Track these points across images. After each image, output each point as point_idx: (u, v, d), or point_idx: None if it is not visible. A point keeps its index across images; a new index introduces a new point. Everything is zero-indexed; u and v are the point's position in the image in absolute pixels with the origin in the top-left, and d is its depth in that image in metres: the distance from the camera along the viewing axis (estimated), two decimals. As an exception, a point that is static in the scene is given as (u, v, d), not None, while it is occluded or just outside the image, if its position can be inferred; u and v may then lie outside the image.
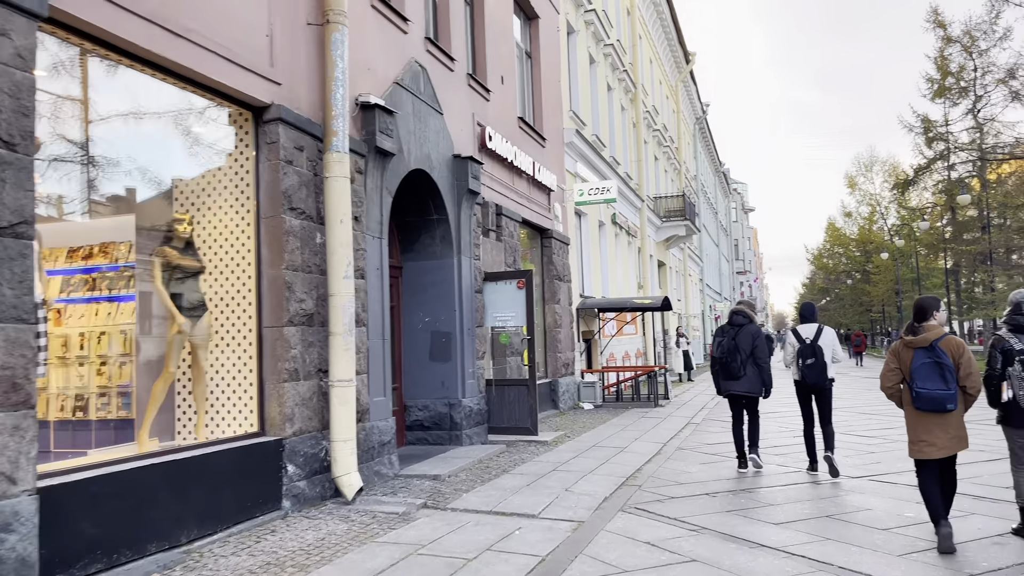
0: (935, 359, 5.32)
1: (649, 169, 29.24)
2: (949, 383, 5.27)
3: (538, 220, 14.07)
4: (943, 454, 5.37)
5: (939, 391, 5.27)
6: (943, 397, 5.27)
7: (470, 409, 10.11)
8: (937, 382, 5.28)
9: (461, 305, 10.13)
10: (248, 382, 6.54)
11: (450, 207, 10.04)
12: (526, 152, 13.35)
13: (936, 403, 5.29)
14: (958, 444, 5.38)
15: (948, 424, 5.35)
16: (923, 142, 35.65)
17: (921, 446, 5.44)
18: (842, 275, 64.49)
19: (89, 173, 5.81)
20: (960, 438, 5.38)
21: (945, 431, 5.35)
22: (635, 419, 13.78)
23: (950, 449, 5.36)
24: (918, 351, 5.43)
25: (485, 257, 11.26)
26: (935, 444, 5.37)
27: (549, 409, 14.39)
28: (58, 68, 5.26)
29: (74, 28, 4.96)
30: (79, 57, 5.38)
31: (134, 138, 6.08)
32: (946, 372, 5.28)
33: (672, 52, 35.48)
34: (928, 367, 5.33)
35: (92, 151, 5.76)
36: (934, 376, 5.30)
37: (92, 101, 5.61)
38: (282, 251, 6.55)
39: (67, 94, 5.43)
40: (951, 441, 5.35)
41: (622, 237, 22.87)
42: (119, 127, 5.91)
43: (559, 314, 14.88)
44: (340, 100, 6.99)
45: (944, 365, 5.29)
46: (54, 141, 5.44)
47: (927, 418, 5.40)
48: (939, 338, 5.40)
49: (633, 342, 23.22)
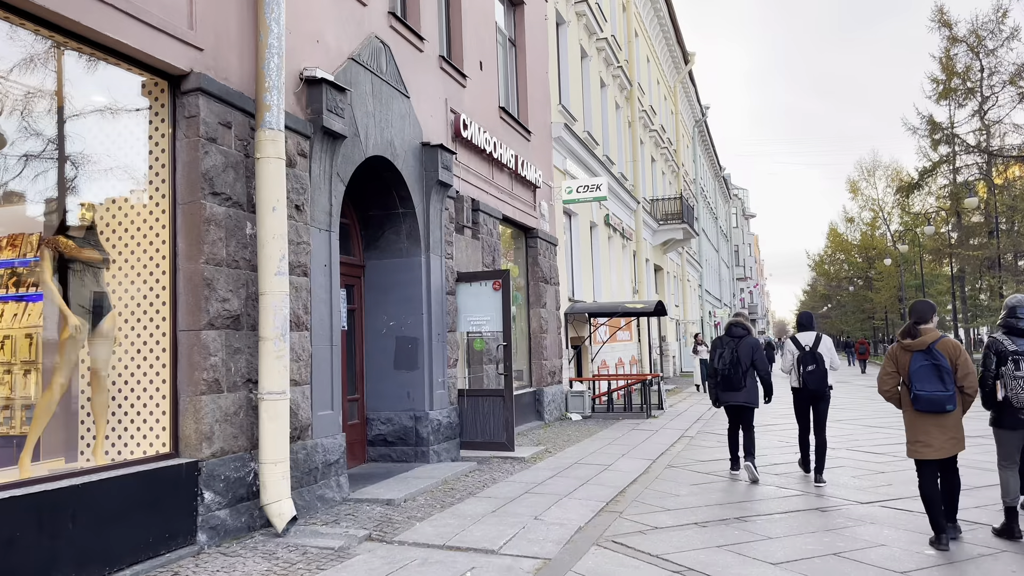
0: (933, 361, 5.45)
1: (646, 171, 28.35)
2: (947, 384, 5.40)
3: (522, 218, 13.16)
4: (939, 455, 5.50)
5: (938, 392, 5.40)
6: (942, 398, 5.40)
7: (438, 423, 9.17)
8: (936, 384, 5.41)
9: (430, 308, 9.20)
10: (161, 395, 5.61)
11: (417, 200, 9.12)
12: (508, 145, 12.45)
13: (935, 404, 5.42)
14: (955, 445, 5.50)
15: (945, 425, 5.48)
16: (928, 144, 34.70)
17: (918, 447, 5.58)
18: (844, 281, 63.53)
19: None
20: (957, 439, 5.50)
21: (942, 432, 5.48)
22: (625, 432, 12.85)
23: (946, 451, 5.48)
24: (916, 354, 5.54)
25: (460, 256, 10.34)
26: (931, 445, 5.50)
27: (533, 421, 13.46)
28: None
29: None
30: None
31: (37, 112, 5.16)
32: (944, 374, 5.40)
33: (671, 52, 34.63)
34: (926, 369, 5.45)
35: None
36: (932, 378, 5.42)
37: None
38: (201, 242, 5.63)
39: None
40: (948, 442, 5.47)
41: (616, 240, 21.96)
42: (17, 97, 4.99)
43: (545, 319, 13.96)
44: (274, 70, 6.09)
45: (942, 367, 5.41)
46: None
47: (925, 419, 5.53)
48: (936, 340, 5.52)
49: (627, 348, 22.28)
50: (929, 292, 41.87)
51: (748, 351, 8.46)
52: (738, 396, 8.50)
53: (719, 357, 8.56)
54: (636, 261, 24.62)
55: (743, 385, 8.44)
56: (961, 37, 32.42)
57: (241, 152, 6.11)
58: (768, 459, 9.84)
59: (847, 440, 11.54)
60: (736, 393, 8.48)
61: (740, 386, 8.44)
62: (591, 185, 14.69)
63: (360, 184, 8.81)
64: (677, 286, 35.40)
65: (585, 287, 17.96)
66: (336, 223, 7.35)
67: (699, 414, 15.89)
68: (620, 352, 21.15)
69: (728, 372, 8.46)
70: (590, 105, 19.67)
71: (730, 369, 8.45)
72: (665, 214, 29.41)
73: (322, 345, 6.98)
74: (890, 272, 50.17)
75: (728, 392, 8.53)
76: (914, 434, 5.61)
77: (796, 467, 9.18)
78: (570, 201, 14.85)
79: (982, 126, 32.70)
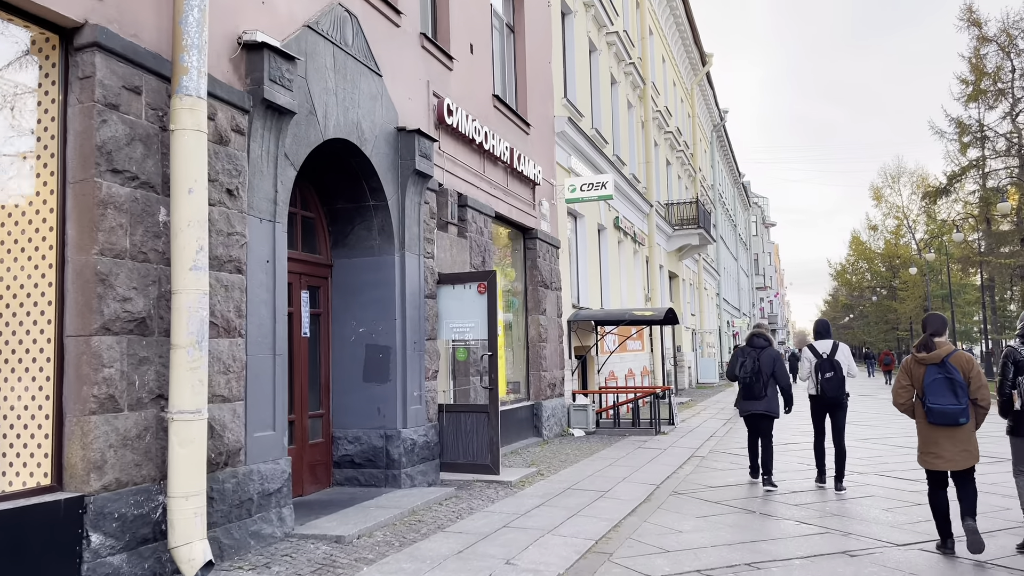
0: (946, 375, 5.49)
1: (660, 173, 27.25)
2: (960, 398, 5.44)
3: (519, 217, 12.14)
4: (949, 467, 5.55)
5: (951, 406, 5.44)
6: (955, 412, 5.44)
7: (412, 443, 8.13)
8: (949, 397, 5.46)
9: (404, 312, 8.19)
10: (44, 414, 4.62)
11: (391, 191, 8.12)
12: (503, 137, 11.43)
13: (948, 417, 5.46)
14: (967, 458, 5.51)
15: (957, 438, 5.52)
16: (957, 148, 33.29)
17: (929, 457, 5.65)
18: (866, 291, 61.91)
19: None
20: (969, 452, 5.52)
21: (953, 444, 5.52)
22: (630, 450, 11.75)
23: (957, 463, 5.51)
24: (930, 367, 5.57)
25: (443, 255, 9.33)
26: (942, 456, 5.56)
27: (530, 437, 12.39)
28: None
29: None
30: None
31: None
32: (957, 387, 5.45)
33: (687, 53, 33.54)
34: (940, 383, 5.49)
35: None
36: (946, 391, 5.47)
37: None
38: (95, 228, 4.64)
39: None
40: (959, 454, 5.51)
41: (627, 244, 20.87)
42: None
43: (545, 327, 12.91)
44: (194, 26, 5.10)
45: (955, 381, 5.46)
46: None
47: (938, 431, 5.58)
48: (949, 354, 5.57)
49: (638, 359, 21.15)
50: (957, 302, 40.36)
51: (769, 361, 8.66)
52: (758, 405, 8.69)
53: (740, 366, 8.78)
54: (649, 267, 23.50)
55: (764, 395, 8.65)
56: (991, 36, 31.11)
57: (155, 124, 5.12)
58: (788, 484, 8.75)
59: (875, 463, 10.38)
60: (757, 402, 8.70)
61: (761, 395, 8.66)
62: (596, 183, 13.64)
63: (324, 173, 7.83)
64: (693, 294, 34.19)
65: (592, 293, 16.88)
66: (284, 213, 6.35)
67: (712, 430, 14.75)
68: (630, 363, 20.03)
69: (749, 381, 8.68)
70: (599, 102, 18.63)
71: (751, 378, 8.67)
72: (680, 219, 28.26)
73: (261, 354, 5.97)
74: (915, 281, 48.64)
75: (748, 401, 8.77)
76: (926, 445, 5.68)
77: (817, 494, 8.11)
78: (573, 200, 13.80)
79: (1014, 128, 31.29)
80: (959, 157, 34.66)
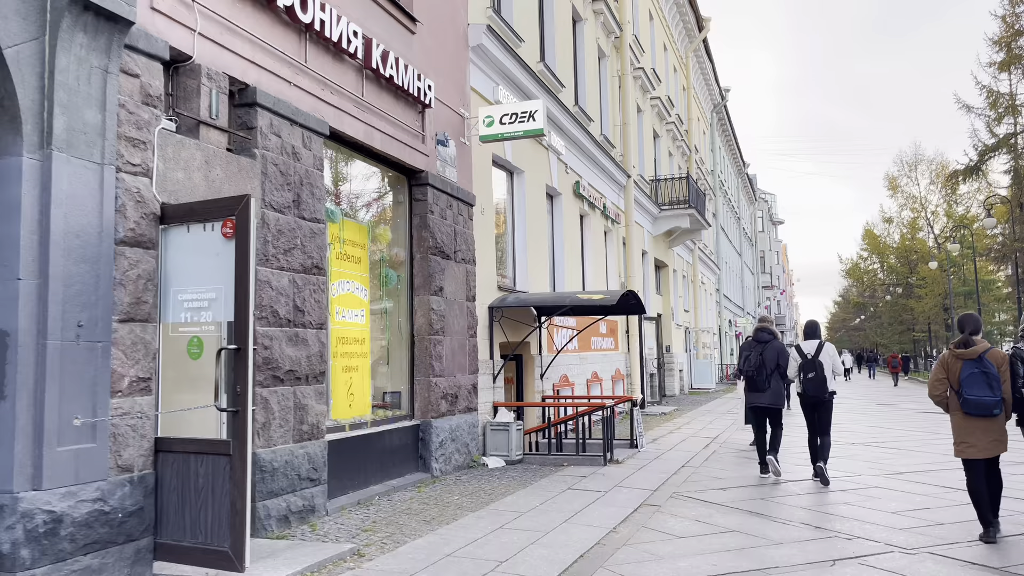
0: (983, 369, 5.87)
1: (646, 145, 23.30)
2: (995, 390, 5.83)
3: (395, 151, 8.24)
4: (983, 455, 5.93)
5: (987, 398, 5.83)
6: (990, 403, 5.82)
7: (54, 519, 4.22)
8: (984, 390, 5.84)
9: (47, 268, 4.29)
10: None
11: (15, 29, 4.22)
12: (356, 22, 7.53)
13: (983, 408, 5.84)
14: (997, 447, 5.94)
15: (990, 428, 5.90)
16: (986, 122, 29.16)
17: (963, 447, 6.03)
18: (880, 288, 57.66)
19: None
20: (999, 441, 5.93)
21: (986, 434, 5.90)
22: (554, 493, 7.85)
23: (989, 451, 5.92)
24: (967, 362, 5.96)
25: (192, 180, 5.41)
26: (976, 446, 5.94)
27: (411, 473, 8.48)
28: None
29: None
30: None
31: None
32: (992, 381, 5.84)
33: (681, 15, 29.56)
34: (976, 376, 5.88)
35: None
36: (982, 384, 5.86)
37: None
38: None
39: None
40: (991, 444, 5.91)
41: (595, 220, 16.93)
42: None
43: (441, 313, 9.00)
44: None
45: (991, 375, 5.85)
46: None
47: (972, 422, 5.95)
48: (986, 350, 5.98)
49: (609, 360, 17.20)
50: (983, 301, 36.23)
51: (773, 355, 8.86)
52: (763, 398, 8.90)
53: (745, 360, 9.03)
54: (627, 251, 19.53)
55: (767, 387, 8.85)
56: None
57: None
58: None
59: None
60: (761, 395, 8.91)
61: (764, 388, 8.87)
62: (521, 113, 9.71)
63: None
64: (687, 288, 30.19)
65: (537, 276, 12.95)
66: None
67: (688, 455, 10.81)
68: (596, 365, 16.08)
69: (753, 375, 8.90)
70: (552, 35, 14.70)
71: (755, 372, 8.88)
72: (670, 200, 24.27)
73: None
74: (935, 277, 44.43)
75: (753, 393, 9.00)
76: (960, 436, 6.03)
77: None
78: (491, 138, 9.86)
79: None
80: (987, 134, 30.56)
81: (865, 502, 7.59)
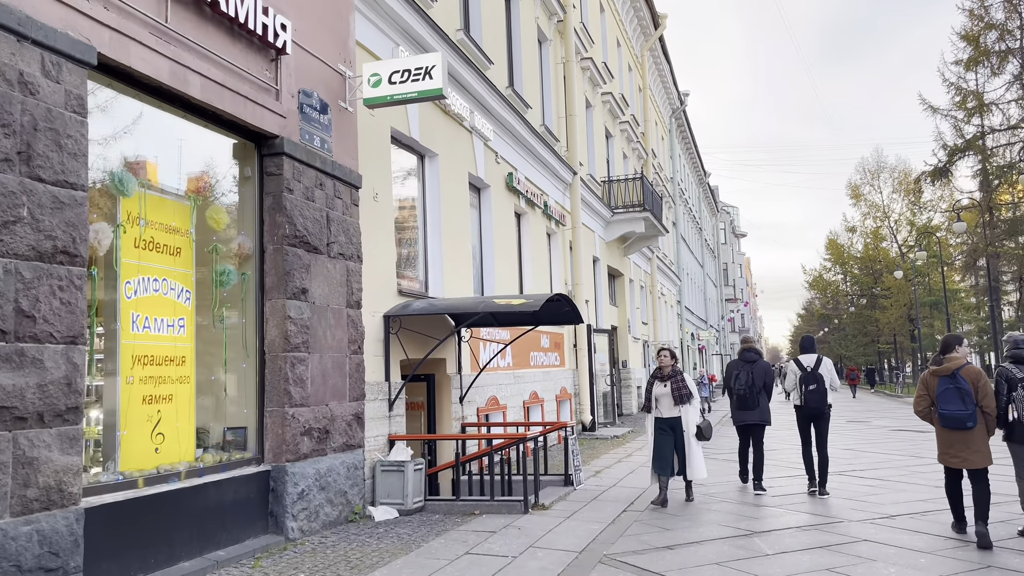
0: (956, 385, 6.25)
1: (597, 143, 21.43)
2: (967, 405, 6.17)
3: (224, 103, 6.14)
4: (964, 465, 6.28)
5: (959, 412, 6.18)
6: (962, 416, 6.17)
7: None
8: (957, 404, 6.20)
9: None
10: None
11: None
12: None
13: (956, 422, 6.21)
14: (980, 459, 6.22)
15: (970, 441, 6.23)
16: (953, 123, 27.83)
17: (947, 457, 6.42)
18: (844, 299, 56.53)
19: None
20: (982, 454, 6.23)
21: (966, 446, 6.24)
22: (450, 558, 5.76)
23: (971, 463, 6.22)
24: (942, 379, 6.38)
25: None
26: (958, 456, 6.30)
27: (257, 536, 6.32)
28: None
29: None
30: None
31: None
32: (965, 396, 6.18)
33: (635, 10, 27.89)
34: (951, 392, 6.25)
35: None
36: (955, 399, 6.22)
37: None
38: None
39: None
40: (973, 456, 6.22)
41: (534, 220, 14.93)
42: None
43: (306, 322, 6.88)
44: None
45: (963, 390, 6.20)
46: None
47: (952, 435, 6.32)
48: (960, 367, 6.33)
49: (553, 378, 15.16)
50: (950, 310, 34.89)
51: (761, 374, 9.22)
52: (752, 415, 9.16)
53: (735, 379, 9.31)
54: (574, 256, 17.55)
55: (757, 405, 9.14)
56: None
57: None
58: None
59: None
60: (751, 412, 9.18)
61: (754, 406, 9.14)
62: (414, 69, 7.68)
63: None
64: (645, 298, 28.34)
65: (456, 282, 10.87)
66: None
67: (636, 492, 8.85)
68: (536, 384, 14.04)
69: (745, 393, 9.17)
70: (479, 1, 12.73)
71: (746, 390, 9.16)
72: (624, 203, 22.40)
73: None
74: (900, 287, 43.22)
75: (743, 411, 9.26)
76: (943, 446, 6.45)
77: None
78: (377, 100, 7.81)
79: None
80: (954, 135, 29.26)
81: (856, 567, 5.62)
